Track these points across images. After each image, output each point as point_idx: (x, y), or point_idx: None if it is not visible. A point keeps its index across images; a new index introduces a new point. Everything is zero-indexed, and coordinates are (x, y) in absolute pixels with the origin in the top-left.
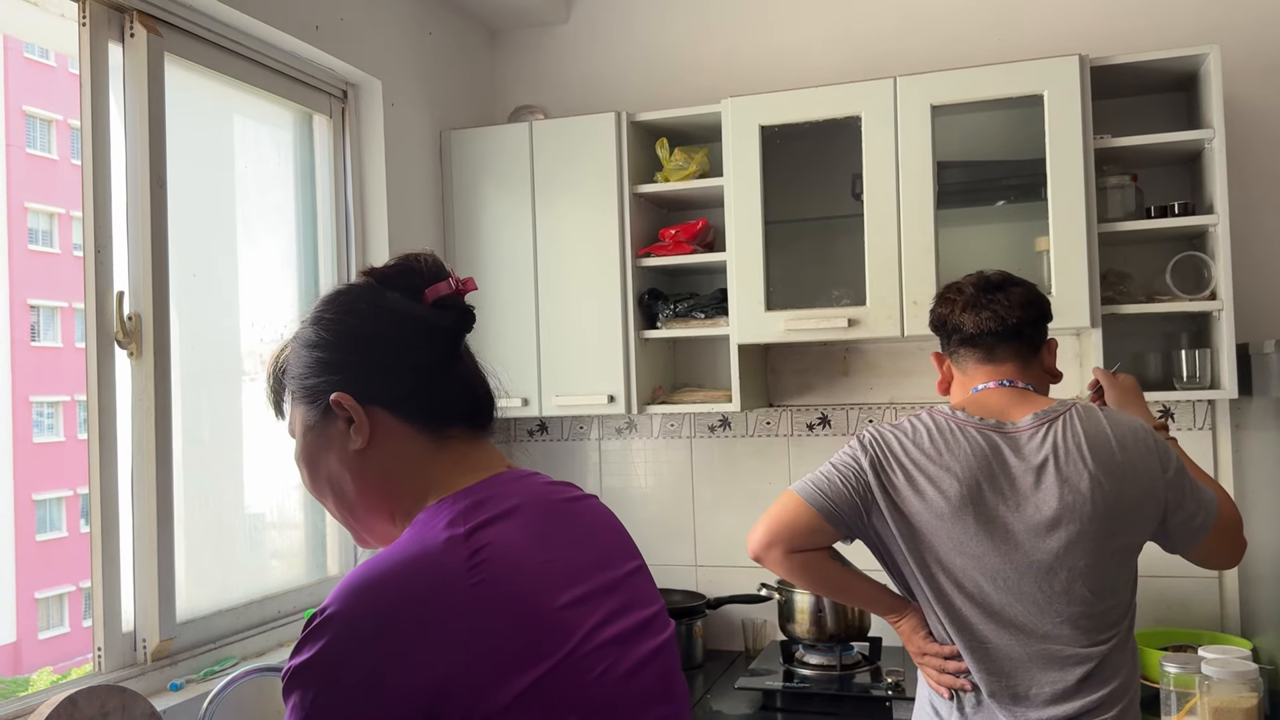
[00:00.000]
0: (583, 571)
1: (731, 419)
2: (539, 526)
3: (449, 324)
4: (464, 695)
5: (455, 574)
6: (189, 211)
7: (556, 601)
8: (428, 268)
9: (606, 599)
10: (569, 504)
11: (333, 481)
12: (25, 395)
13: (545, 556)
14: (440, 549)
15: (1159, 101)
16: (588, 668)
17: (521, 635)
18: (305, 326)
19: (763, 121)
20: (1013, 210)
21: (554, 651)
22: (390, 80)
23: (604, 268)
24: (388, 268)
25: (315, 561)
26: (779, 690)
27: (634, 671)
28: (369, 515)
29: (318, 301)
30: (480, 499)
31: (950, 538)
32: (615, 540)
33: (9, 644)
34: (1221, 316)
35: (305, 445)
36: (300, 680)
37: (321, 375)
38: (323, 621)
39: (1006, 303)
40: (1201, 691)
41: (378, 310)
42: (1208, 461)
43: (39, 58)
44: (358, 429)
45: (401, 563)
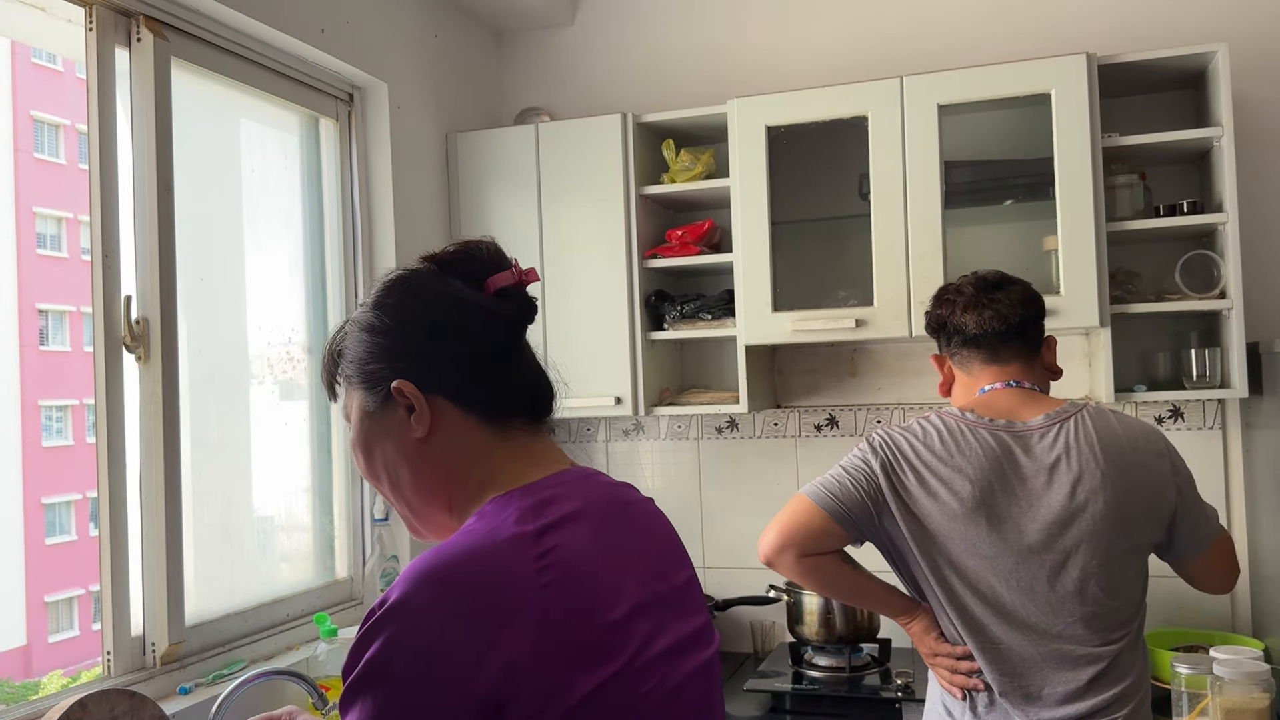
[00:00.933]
0: (641, 580)
1: (739, 420)
2: (602, 532)
3: (512, 314)
4: (531, 692)
5: (524, 571)
6: (196, 215)
7: (617, 611)
8: (489, 255)
9: (661, 610)
10: (629, 508)
11: (389, 469)
12: (34, 399)
13: (608, 563)
14: (510, 544)
15: (1167, 100)
16: (643, 678)
17: (584, 640)
18: (365, 311)
19: (769, 122)
20: (1021, 209)
21: (612, 660)
22: (396, 83)
23: (610, 269)
24: (449, 254)
25: (324, 564)
26: (788, 692)
27: (683, 685)
28: (424, 505)
29: (378, 286)
30: (546, 497)
31: (963, 539)
32: (670, 548)
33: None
34: (1231, 315)
35: (362, 431)
36: (369, 671)
37: (382, 361)
38: (391, 609)
39: (1008, 301)
40: (1213, 692)
41: (441, 297)
42: (1218, 461)
43: (46, 63)
44: (419, 418)
45: (472, 553)
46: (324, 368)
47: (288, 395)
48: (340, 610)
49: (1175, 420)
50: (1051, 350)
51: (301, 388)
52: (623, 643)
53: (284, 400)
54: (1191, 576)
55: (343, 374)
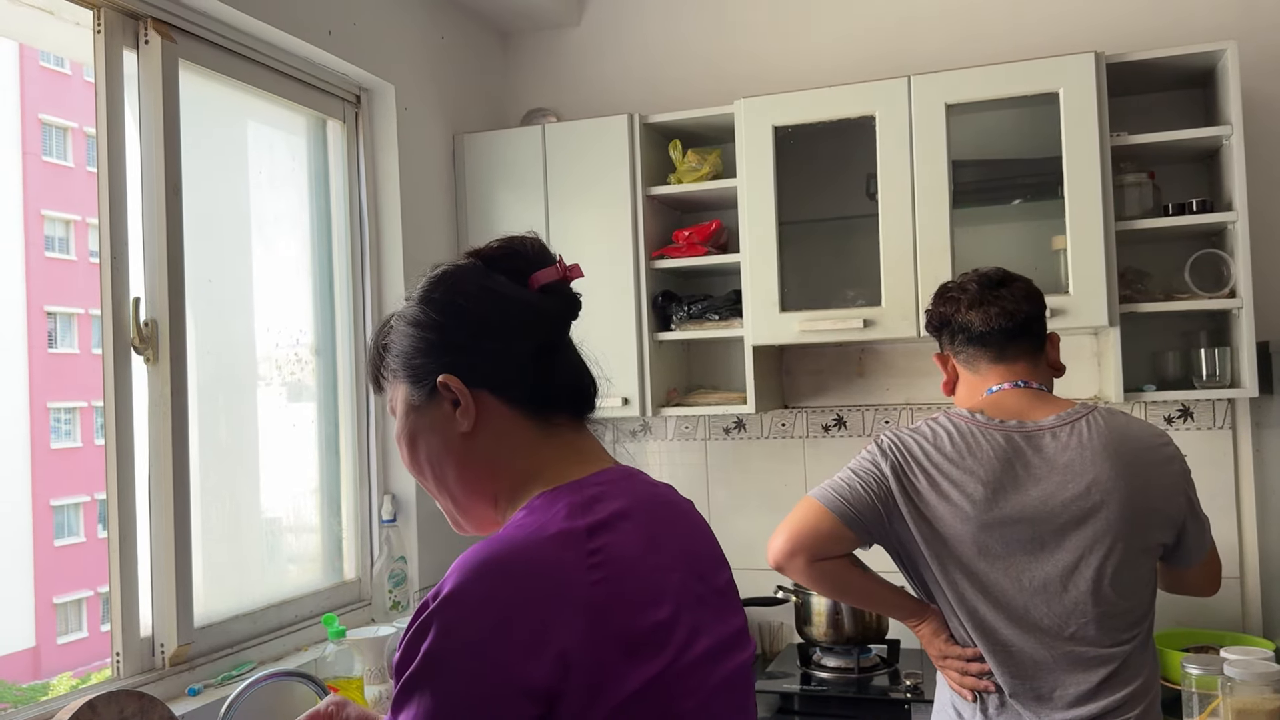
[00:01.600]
0: (684, 580)
1: (746, 421)
2: (649, 531)
3: (557, 309)
4: (582, 684)
5: (576, 567)
6: (204, 217)
7: (662, 610)
8: (532, 251)
9: (701, 610)
10: (671, 508)
11: (433, 463)
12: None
13: (653, 563)
14: (560, 539)
15: (1176, 98)
16: (685, 678)
17: (631, 638)
18: (411, 305)
19: (776, 122)
20: (1029, 209)
21: (658, 659)
22: (403, 85)
23: (617, 270)
24: (493, 249)
25: (332, 566)
26: (796, 693)
27: (721, 686)
28: (469, 499)
29: (424, 280)
30: (593, 495)
31: (975, 541)
32: (709, 549)
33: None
34: (1241, 314)
35: (407, 425)
36: (427, 660)
37: (428, 356)
38: (445, 600)
39: (1013, 298)
40: (1224, 693)
41: (486, 292)
42: (1228, 461)
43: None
44: (464, 412)
45: (524, 545)
46: (369, 362)
47: (296, 396)
48: (348, 611)
49: (1185, 420)
50: (1055, 347)
51: (309, 389)
52: (667, 642)
53: (292, 401)
54: (1185, 583)
55: (388, 368)
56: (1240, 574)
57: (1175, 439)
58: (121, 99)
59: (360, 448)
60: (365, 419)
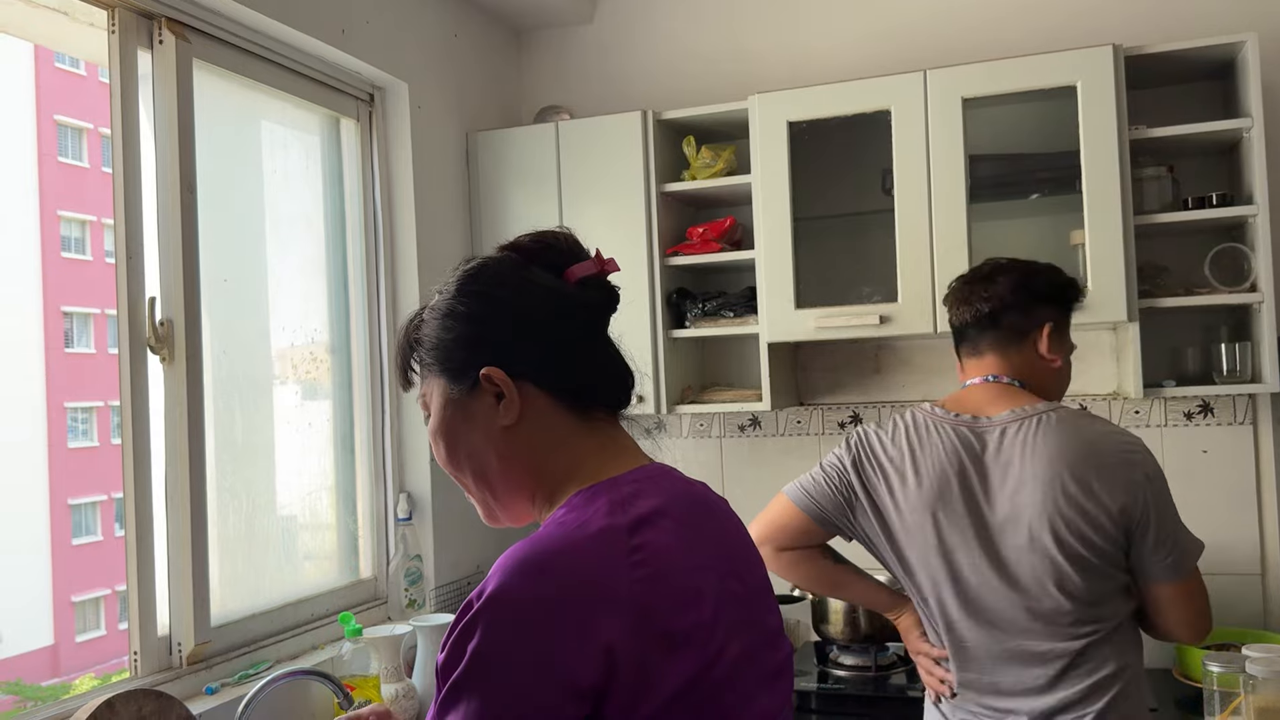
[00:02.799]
0: (720, 579)
1: (762, 418)
2: (687, 530)
3: (598, 302)
4: (629, 681)
5: (619, 565)
6: (219, 217)
7: (702, 609)
8: (566, 245)
9: (737, 609)
10: (707, 507)
11: (473, 457)
12: (59, 402)
13: (692, 562)
14: (602, 536)
15: (1195, 91)
16: (725, 678)
17: (673, 638)
18: (445, 299)
19: (790, 117)
20: (1047, 203)
21: (699, 659)
22: (416, 83)
23: (631, 267)
24: (529, 243)
25: (348, 564)
26: (814, 691)
27: (755, 689)
28: (508, 493)
29: (458, 274)
30: (631, 492)
31: (922, 534)
32: (744, 548)
33: (47, 647)
34: (1262, 309)
35: (444, 420)
36: (474, 661)
37: (468, 349)
38: (490, 600)
39: (985, 292)
40: (1246, 691)
41: (527, 284)
42: (1249, 456)
43: (69, 67)
44: (508, 405)
45: (567, 543)
46: (398, 355)
47: (311, 395)
48: (364, 610)
49: (1205, 415)
50: (1047, 338)
51: (325, 387)
52: (708, 640)
53: (307, 400)
54: (1155, 608)
55: (421, 362)
56: (1262, 571)
57: (1196, 435)
58: (136, 99)
59: (376, 446)
60: (381, 417)
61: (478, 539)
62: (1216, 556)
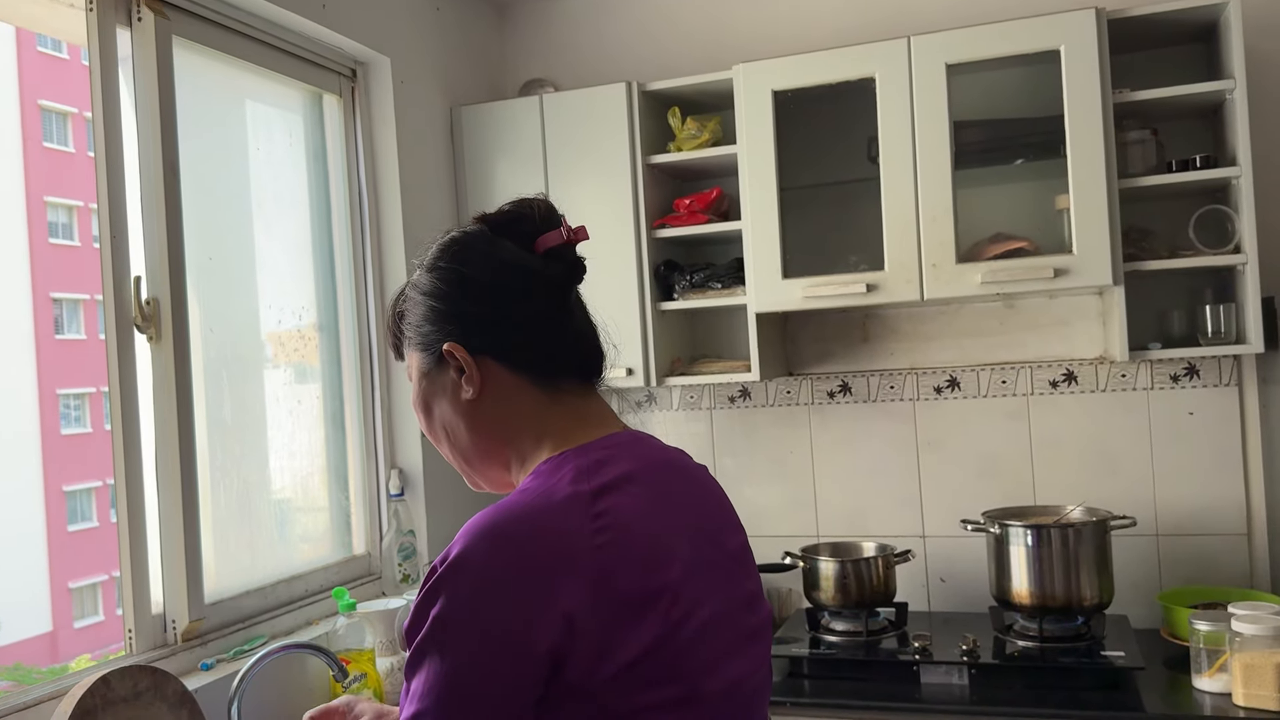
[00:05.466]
0: (694, 544)
1: (751, 389)
2: (656, 494)
3: (560, 275)
4: (588, 647)
5: (581, 531)
6: (203, 196)
7: (670, 573)
8: (540, 214)
9: (712, 573)
10: (682, 472)
11: (447, 428)
12: (52, 388)
13: (661, 526)
14: (566, 503)
15: (1178, 54)
16: (694, 640)
17: (637, 601)
18: (421, 273)
19: (775, 86)
20: (1032, 168)
21: (665, 621)
22: (399, 57)
23: (619, 240)
24: (501, 214)
25: (341, 540)
26: (805, 657)
27: (731, 649)
28: (482, 462)
29: (433, 248)
30: (601, 458)
31: None
32: (722, 513)
33: (45, 633)
34: (1246, 270)
35: (421, 391)
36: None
37: (434, 324)
38: (452, 565)
39: None
40: (1232, 648)
41: (490, 259)
42: (1234, 417)
43: (52, 51)
44: (468, 379)
45: (529, 510)
46: (388, 329)
47: (300, 373)
48: (358, 585)
49: (1191, 378)
50: None
51: (313, 365)
52: (674, 603)
53: (296, 378)
54: None
55: (404, 336)
56: (1248, 531)
57: (1182, 398)
58: (116, 77)
59: (367, 423)
60: (371, 394)
61: (470, 513)
62: (1204, 517)
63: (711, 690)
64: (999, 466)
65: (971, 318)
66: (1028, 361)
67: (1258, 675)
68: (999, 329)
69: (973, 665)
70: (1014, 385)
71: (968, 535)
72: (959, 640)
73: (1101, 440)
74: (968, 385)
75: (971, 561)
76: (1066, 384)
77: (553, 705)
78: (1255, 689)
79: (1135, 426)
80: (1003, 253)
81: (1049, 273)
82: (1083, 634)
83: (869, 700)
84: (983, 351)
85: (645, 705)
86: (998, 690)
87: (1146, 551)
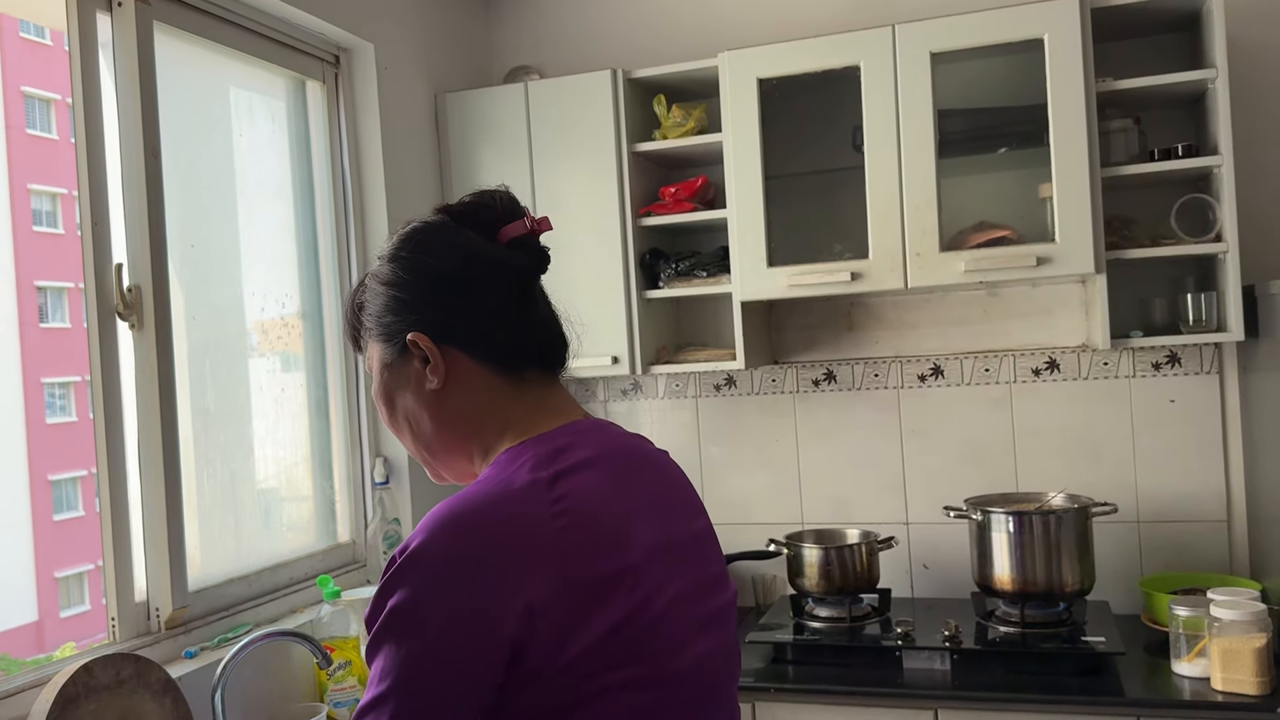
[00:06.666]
0: (655, 527)
1: (737, 377)
2: (617, 479)
3: (524, 264)
4: (546, 635)
5: (539, 516)
6: (185, 183)
7: (630, 556)
8: (502, 205)
9: (675, 555)
10: (644, 458)
11: (410, 419)
12: (36, 377)
13: (621, 509)
14: (525, 490)
15: (1161, 43)
16: (653, 623)
17: (598, 584)
18: (382, 264)
19: (761, 74)
20: (1015, 157)
21: (626, 603)
22: (383, 44)
23: (604, 228)
24: (462, 205)
25: (325, 528)
26: (789, 643)
27: (695, 629)
28: (446, 453)
29: (394, 238)
30: (560, 445)
31: None
32: (684, 497)
33: (31, 623)
34: (1227, 259)
35: (383, 383)
36: (392, 615)
37: (397, 314)
38: (411, 556)
39: None
40: (1211, 633)
41: (453, 249)
42: (1215, 405)
43: (35, 37)
44: (433, 369)
45: (488, 500)
46: (346, 322)
47: (284, 361)
48: (343, 573)
49: (1172, 366)
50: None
51: (298, 354)
52: (636, 586)
53: (281, 366)
54: None
55: (363, 326)
56: (1228, 517)
57: (1163, 385)
58: (96, 62)
59: (350, 411)
60: (354, 383)
61: None
62: (1184, 504)
63: (675, 670)
64: (982, 454)
65: (955, 306)
66: (1011, 349)
67: (1236, 660)
68: (982, 317)
69: (955, 651)
70: (997, 373)
71: (951, 522)
72: (941, 626)
73: (1083, 428)
74: (951, 373)
75: (954, 548)
76: (1049, 372)
77: (515, 689)
78: (1233, 674)
79: (1117, 414)
80: (986, 241)
81: (1032, 261)
82: (1064, 620)
83: (852, 686)
84: (966, 340)
85: (608, 686)
86: (979, 675)
87: (1127, 538)
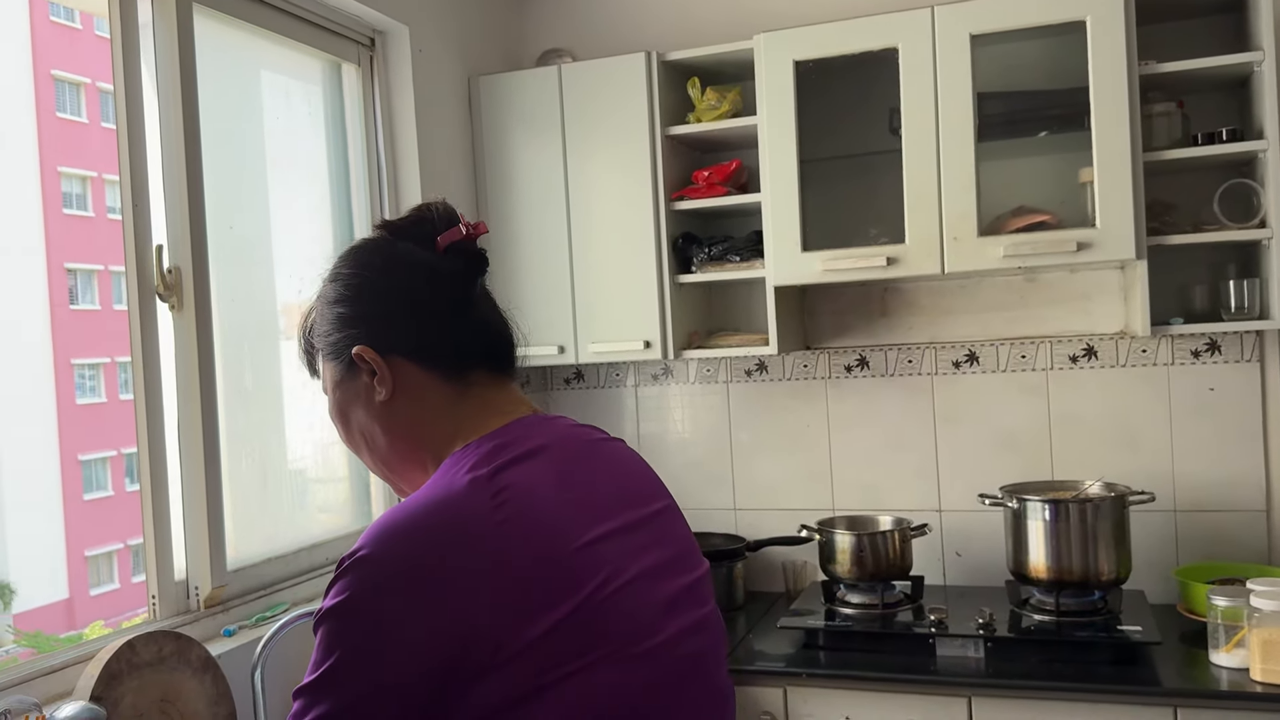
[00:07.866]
0: (608, 510)
1: (768, 362)
2: (563, 466)
3: (460, 269)
4: (492, 630)
5: (480, 514)
6: (222, 166)
7: (580, 539)
8: (439, 215)
9: (632, 537)
10: (594, 445)
11: (365, 434)
12: (66, 359)
13: (569, 495)
14: (464, 491)
15: (1206, 25)
16: (614, 604)
17: (546, 571)
18: (326, 284)
19: (797, 57)
20: (1055, 141)
21: (580, 588)
22: (417, 26)
23: (637, 212)
24: (400, 219)
25: (360, 509)
26: (821, 629)
27: (663, 607)
28: (403, 465)
29: (335, 258)
30: (504, 442)
31: None
32: (642, 480)
33: (62, 600)
34: (1271, 245)
35: (336, 401)
36: (331, 620)
37: (343, 330)
38: (353, 563)
39: None
40: (1250, 624)
41: (390, 261)
42: (1255, 393)
43: (65, 20)
44: (380, 380)
45: (427, 507)
46: (301, 349)
47: None
48: None
49: (1212, 354)
50: None
51: None
52: (589, 569)
53: None
54: None
55: (315, 347)
56: (1268, 507)
57: (1203, 373)
58: (137, 45)
59: None
60: None
61: None
62: (1223, 494)
63: (647, 649)
64: (1017, 441)
65: (991, 292)
66: (1048, 336)
67: (1276, 651)
68: (1019, 303)
69: (988, 639)
70: (1034, 360)
71: (984, 510)
72: (975, 614)
73: (1121, 415)
74: (987, 360)
75: (988, 536)
76: (1086, 359)
77: (465, 685)
78: (1273, 664)
79: (1155, 402)
80: (1025, 226)
81: (1072, 246)
82: (1099, 608)
83: (884, 672)
84: (1002, 326)
85: (574, 670)
86: (1013, 664)
87: (1164, 527)
